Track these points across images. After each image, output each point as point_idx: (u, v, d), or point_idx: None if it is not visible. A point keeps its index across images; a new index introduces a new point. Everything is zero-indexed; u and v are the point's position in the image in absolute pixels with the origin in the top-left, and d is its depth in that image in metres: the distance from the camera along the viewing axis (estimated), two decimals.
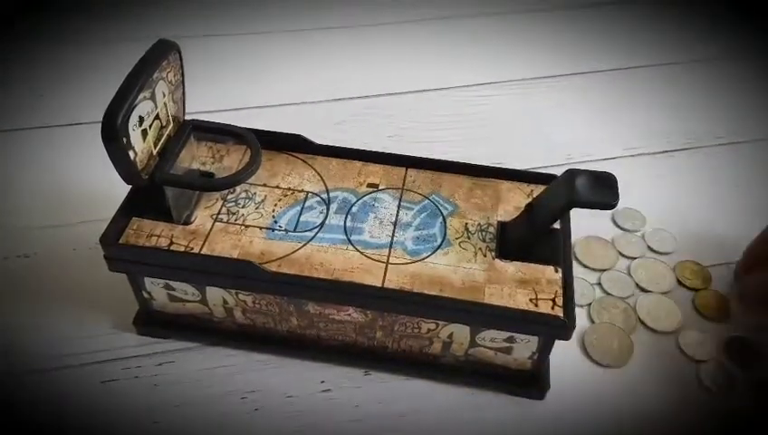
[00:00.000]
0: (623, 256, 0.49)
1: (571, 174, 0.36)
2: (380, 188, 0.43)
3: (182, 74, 0.40)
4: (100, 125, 0.34)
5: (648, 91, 0.65)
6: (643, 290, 0.47)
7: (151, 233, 0.39)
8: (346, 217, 0.41)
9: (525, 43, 0.71)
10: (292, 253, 0.39)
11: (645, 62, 0.69)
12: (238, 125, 0.42)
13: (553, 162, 0.57)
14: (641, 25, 0.74)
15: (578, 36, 0.73)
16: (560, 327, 0.36)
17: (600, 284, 0.47)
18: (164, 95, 0.38)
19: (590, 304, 0.46)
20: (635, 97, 0.65)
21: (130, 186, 0.39)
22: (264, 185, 0.43)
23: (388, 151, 0.44)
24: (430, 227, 0.40)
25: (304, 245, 0.39)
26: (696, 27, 0.74)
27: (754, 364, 0.43)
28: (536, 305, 0.36)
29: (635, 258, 0.49)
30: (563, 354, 0.42)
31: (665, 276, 0.48)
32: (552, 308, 0.36)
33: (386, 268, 0.38)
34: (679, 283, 0.48)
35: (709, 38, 0.72)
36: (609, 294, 0.47)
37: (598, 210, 0.35)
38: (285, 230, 0.40)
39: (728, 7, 0.77)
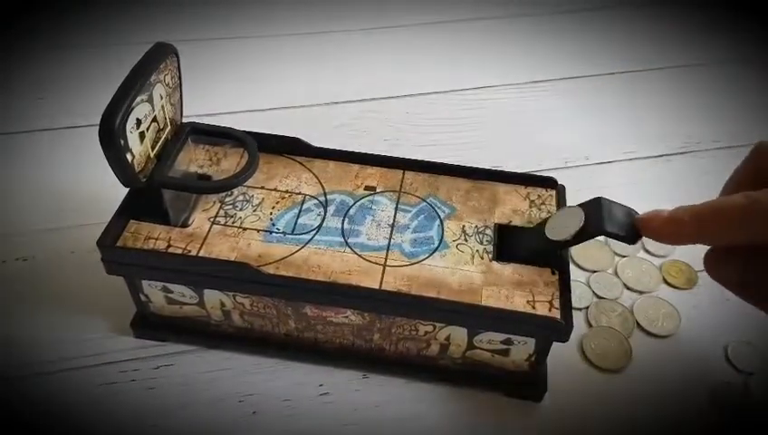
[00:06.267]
0: (619, 256, 0.49)
1: (601, 203, 0.36)
2: (378, 190, 0.43)
3: (180, 77, 0.40)
4: (98, 128, 0.34)
5: (647, 95, 0.65)
6: (630, 289, 0.47)
7: (149, 236, 0.39)
8: (343, 220, 0.41)
9: (523, 47, 0.71)
10: (290, 255, 0.39)
11: (643, 65, 0.69)
12: (236, 128, 0.42)
13: (551, 166, 0.57)
14: (640, 29, 0.75)
15: (576, 40, 0.73)
16: (557, 329, 0.36)
17: (588, 284, 0.47)
18: (161, 98, 0.38)
19: (587, 307, 0.46)
20: (633, 101, 0.65)
21: (128, 188, 0.39)
22: (262, 187, 0.43)
23: (386, 154, 0.44)
24: (427, 230, 0.40)
25: (302, 247, 0.39)
26: (694, 30, 0.74)
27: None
28: (533, 308, 0.36)
29: (625, 256, 0.49)
30: (562, 358, 0.42)
31: (651, 275, 0.48)
32: (550, 310, 0.36)
33: (383, 270, 0.38)
34: (665, 281, 0.48)
35: (708, 41, 0.73)
36: (597, 295, 0.47)
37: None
38: (283, 233, 0.40)
39: (727, 10, 0.77)
